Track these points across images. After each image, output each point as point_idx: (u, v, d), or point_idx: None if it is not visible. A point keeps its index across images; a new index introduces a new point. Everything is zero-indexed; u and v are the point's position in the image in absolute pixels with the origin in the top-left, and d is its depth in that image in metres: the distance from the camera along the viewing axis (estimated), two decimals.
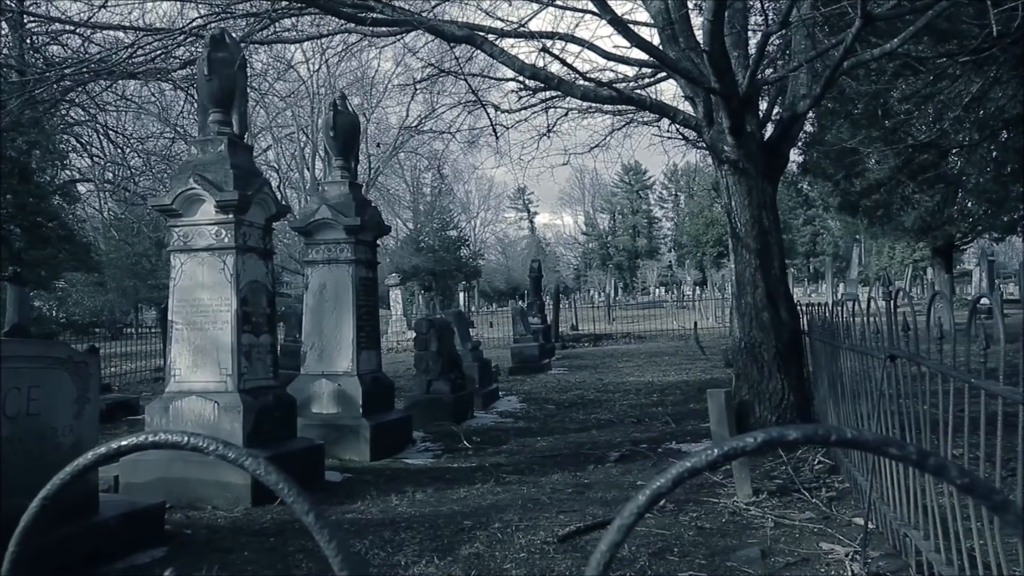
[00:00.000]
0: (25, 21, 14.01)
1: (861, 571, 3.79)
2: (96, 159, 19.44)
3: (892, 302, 3.64)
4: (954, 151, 15.68)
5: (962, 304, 24.13)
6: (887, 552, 3.95)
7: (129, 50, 7.09)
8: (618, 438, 8.41)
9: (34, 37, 14.14)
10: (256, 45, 12.13)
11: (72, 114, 18.61)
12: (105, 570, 4.43)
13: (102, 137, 18.41)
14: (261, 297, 6.53)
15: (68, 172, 21.83)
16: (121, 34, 8.54)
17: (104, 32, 9.67)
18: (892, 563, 3.81)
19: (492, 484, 6.46)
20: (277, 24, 8.28)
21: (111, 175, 19.94)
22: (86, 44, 11.29)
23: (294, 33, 8.25)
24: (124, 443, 0.68)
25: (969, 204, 21.41)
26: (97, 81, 10.34)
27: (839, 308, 5.27)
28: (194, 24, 6.98)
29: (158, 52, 7.82)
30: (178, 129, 17.87)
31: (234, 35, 6.93)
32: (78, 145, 20.08)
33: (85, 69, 7.80)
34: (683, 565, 4.12)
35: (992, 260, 28.06)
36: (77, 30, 11.59)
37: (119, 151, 18.43)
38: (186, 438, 0.66)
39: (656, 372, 15.25)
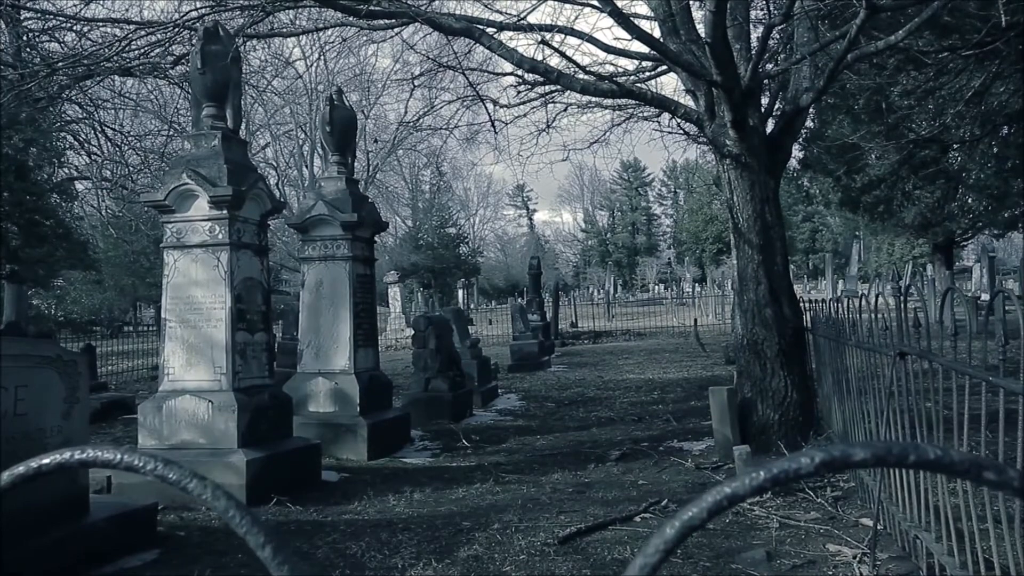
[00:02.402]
0: (21, 17, 13.91)
1: (870, 573, 3.69)
2: (94, 157, 19.32)
3: (902, 298, 3.54)
4: (955, 146, 15.59)
5: (961, 301, 23.99)
6: (896, 554, 3.85)
7: (120, 44, 6.97)
8: (619, 436, 8.32)
9: (30, 34, 14.04)
10: (253, 42, 12.01)
11: (69, 112, 18.52)
12: (96, 573, 4.33)
13: (99, 135, 18.29)
14: (256, 294, 6.43)
15: (65, 170, 21.71)
16: (118, 31, 8.44)
17: (101, 29, 9.57)
18: (902, 566, 3.71)
19: (491, 484, 6.36)
20: (273, 18, 8.17)
21: (109, 173, 19.83)
22: (81, 40, 11.19)
23: (288, 24, 8.14)
24: (45, 461, 0.58)
25: (970, 200, 21.32)
26: (91, 77, 10.23)
27: (844, 304, 5.17)
28: (188, 17, 6.86)
29: (153, 47, 7.70)
30: (176, 126, 17.76)
31: (228, 28, 6.82)
32: (75, 143, 19.97)
33: (77, 64, 7.68)
34: (687, 567, 4.02)
35: (993, 256, 27.96)
36: (74, 27, 11.49)
37: (117, 149, 18.31)
38: (119, 456, 0.56)
39: (656, 369, 15.15)
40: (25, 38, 14.16)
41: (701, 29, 6.93)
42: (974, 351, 2.96)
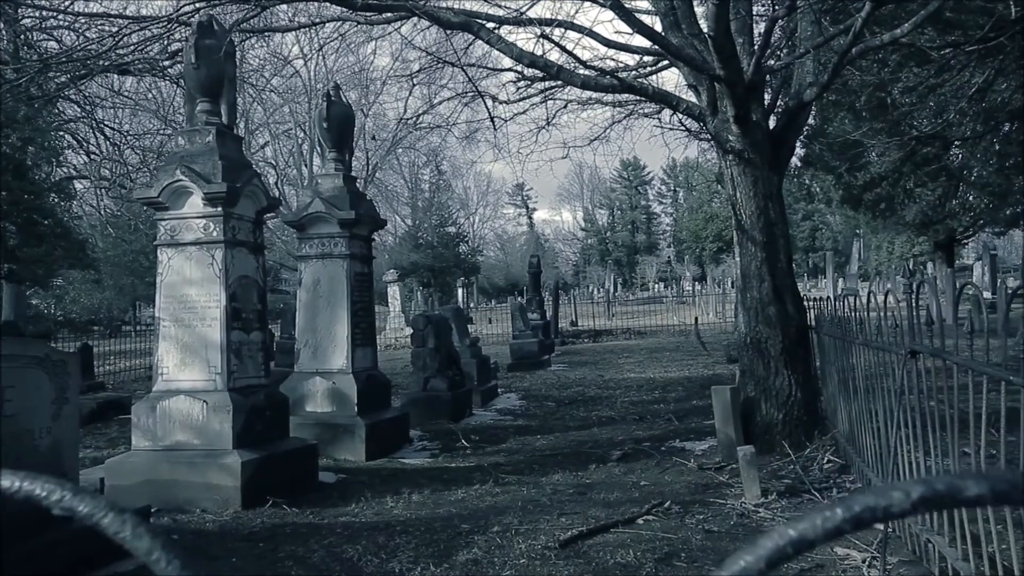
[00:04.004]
0: (19, 16, 13.82)
1: None
2: (92, 155, 19.24)
3: (914, 295, 3.44)
4: (957, 144, 15.50)
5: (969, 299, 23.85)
6: (907, 558, 3.75)
7: (114, 39, 6.86)
8: (620, 436, 8.22)
9: (27, 33, 13.95)
10: (252, 40, 11.88)
11: (67, 111, 18.43)
12: None
13: (98, 133, 18.23)
14: (252, 293, 6.32)
15: (64, 169, 21.61)
16: (115, 28, 8.32)
17: (99, 27, 9.46)
18: (912, 570, 3.61)
19: (491, 485, 6.26)
20: (271, 14, 8.07)
21: (107, 171, 19.73)
22: (79, 39, 11.09)
23: (286, 21, 8.03)
24: None
25: (971, 198, 21.23)
26: (87, 77, 10.12)
27: (852, 302, 5.08)
28: (183, 11, 6.75)
29: (148, 42, 7.59)
30: (174, 125, 17.67)
31: (224, 23, 6.72)
32: (74, 142, 19.88)
33: (71, 60, 7.57)
34: (691, 571, 3.92)
35: (994, 254, 27.86)
36: (72, 25, 11.39)
37: (115, 147, 18.24)
38: (16, 483, 0.46)
39: (657, 368, 15.04)
40: (23, 37, 14.07)
41: (703, 23, 6.82)
42: (981, 349, 2.87)
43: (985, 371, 2.65)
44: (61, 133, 19.28)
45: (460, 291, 46.22)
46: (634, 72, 8.86)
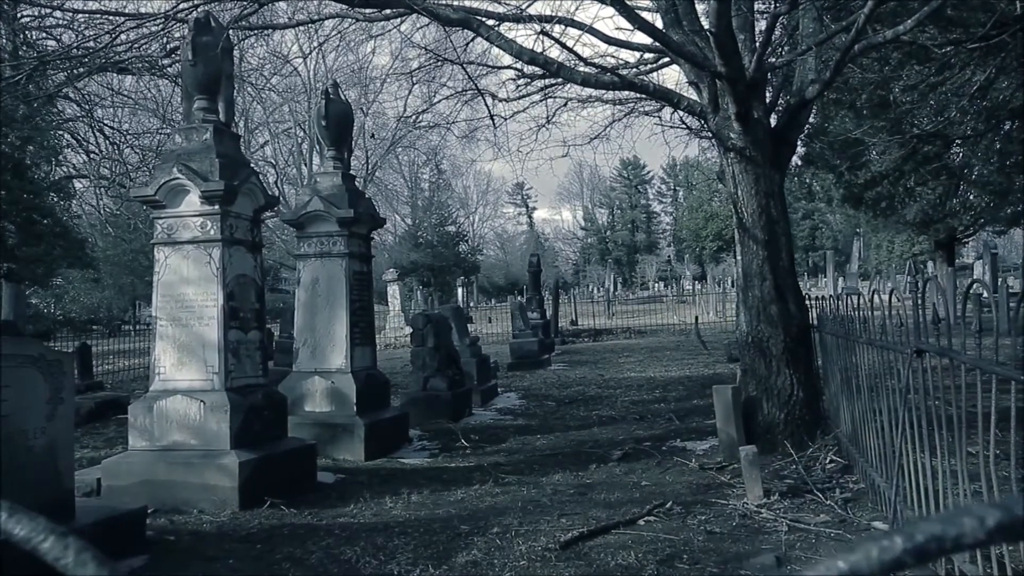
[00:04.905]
0: (18, 15, 13.78)
1: None
2: (92, 155, 19.18)
3: (921, 293, 3.39)
4: (958, 142, 15.46)
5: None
6: None
7: (111, 36, 6.81)
8: (620, 436, 8.17)
9: (26, 32, 13.90)
10: (252, 39, 11.83)
11: (67, 110, 18.38)
12: None
13: (97, 133, 18.17)
14: (249, 292, 6.27)
15: (63, 168, 21.56)
16: (113, 26, 8.27)
17: (97, 25, 9.41)
18: (919, 572, 3.56)
19: (491, 485, 6.21)
20: (269, 11, 8.01)
21: (107, 171, 19.65)
22: (78, 37, 11.04)
23: (285, 19, 7.98)
24: None
25: (971, 196, 21.18)
26: (85, 76, 10.07)
27: (855, 300, 5.03)
28: (180, 8, 6.70)
29: (145, 39, 7.54)
30: (173, 124, 17.59)
31: (221, 20, 6.66)
32: (73, 141, 19.83)
33: (67, 57, 7.52)
34: (694, 573, 3.87)
35: (995, 253, 27.82)
36: (71, 24, 11.34)
37: (115, 147, 18.18)
38: None
39: (658, 367, 14.99)
40: (22, 36, 14.02)
41: (704, 20, 6.78)
42: (986, 348, 2.82)
43: (994, 371, 2.60)
44: (60, 132, 19.24)
45: (460, 290, 46.11)
46: (635, 69, 8.81)
